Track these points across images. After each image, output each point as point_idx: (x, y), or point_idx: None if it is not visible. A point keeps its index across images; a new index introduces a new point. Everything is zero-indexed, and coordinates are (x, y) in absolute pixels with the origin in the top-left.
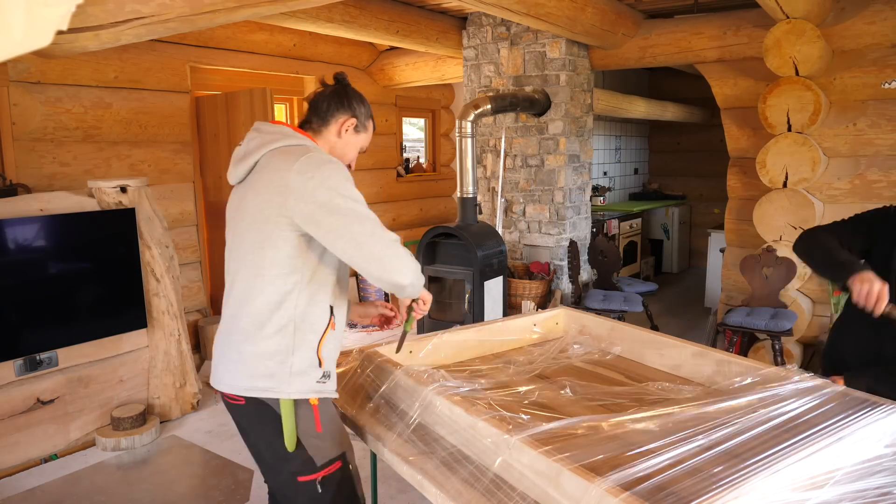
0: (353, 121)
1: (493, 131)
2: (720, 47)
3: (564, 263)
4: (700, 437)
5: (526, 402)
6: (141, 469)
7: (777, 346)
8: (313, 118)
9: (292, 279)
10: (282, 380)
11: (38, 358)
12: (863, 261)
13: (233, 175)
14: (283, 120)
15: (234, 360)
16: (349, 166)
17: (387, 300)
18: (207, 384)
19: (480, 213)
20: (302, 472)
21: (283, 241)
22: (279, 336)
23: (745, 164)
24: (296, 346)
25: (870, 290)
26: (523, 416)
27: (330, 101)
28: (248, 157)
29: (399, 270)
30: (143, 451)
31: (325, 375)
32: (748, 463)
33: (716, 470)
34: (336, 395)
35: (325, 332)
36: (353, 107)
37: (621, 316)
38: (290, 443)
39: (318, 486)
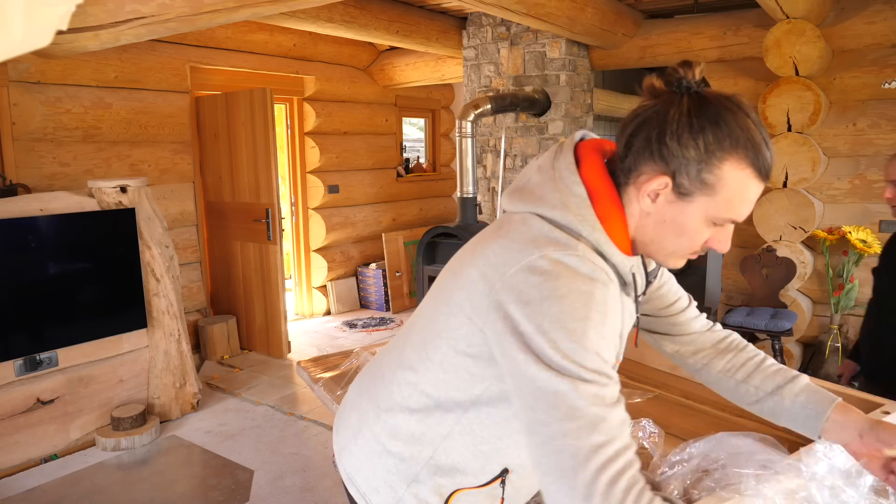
0: (666, 181)
1: (493, 131)
2: (720, 47)
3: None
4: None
5: None
6: (141, 469)
7: (777, 346)
8: (618, 158)
9: (428, 405)
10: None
11: (38, 358)
12: None
13: (503, 201)
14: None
15: (350, 428)
16: (700, 253)
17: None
18: (207, 384)
19: (480, 213)
20: None
21: (448, 344)
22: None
23: None
24: (399, 498)
25: None
26: None
27: (629, 138)
28: (514, 198)
29: None
30: (143, 451)
31: None
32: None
33: (716, 470)
34: None
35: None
36: (665, 149)
37: None
38: None
39: None
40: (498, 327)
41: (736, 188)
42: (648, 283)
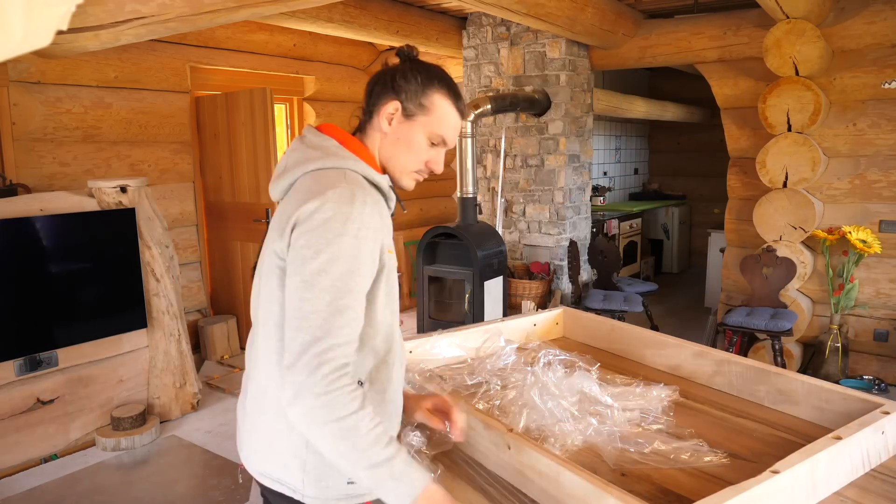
0: (396, 104)
1: (493, 131)
2: (720, 47)
3: (564, 263)
4: (700, 438)
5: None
6: (141, 469)
7: (777, 346)
8: (363, 116)
9: None
10: (296, 476)
11: (38, 358)
12: None
13: (273, 191)
14: (314, 124)
15: (248, 431)
16: (425, 174)
17: None
18: (207, 384)
19: (480, 213)
20: None
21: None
22: (283, 420)
23: (745, 164)
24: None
25: None
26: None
27: (374, 86)
28: (286, 175)
29: (301, 402)
30: (143, 451)
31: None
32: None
33: (717, 470)
34: (373, 496)
35: None
36: (396, 85)
37: (621, 316)
38: None
39: None
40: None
41: (443, 112)
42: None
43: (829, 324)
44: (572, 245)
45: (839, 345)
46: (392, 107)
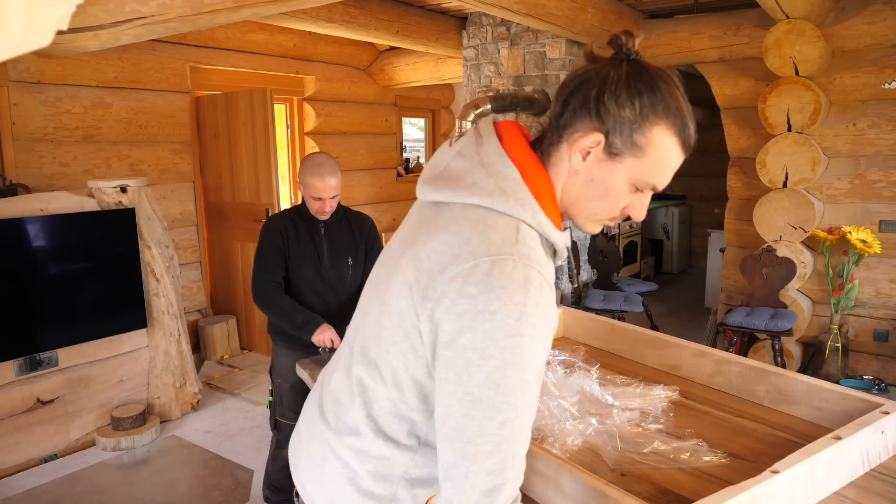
0: (599, 137)
1: None
2: (720, 47)
3: (564, 263)
4: (700, 438)
5: None
6: (141, 469)
7: (777, 346)
8: (548, 126)
9: (416, 409)
10: None
11: (38, 358)
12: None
13: (420, 187)
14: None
15: (316, 460)
16: (618, 220)
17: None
18: (207, 384)
19: None
20: None
21: (412, 352)
22: (375, 477)
23: (745, 164)
24: (397, 497)
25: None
26: None
27: (569, 96)
28: (441, 186)
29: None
30: (143, 451)
31: None
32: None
33: (717, 470)
34: None
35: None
36: (602, 107)
37: (621, 316)
38: None
39: None
40: (433, 337)
41: (662, 153)
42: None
43: (829, 324)
44: (572, 245)
45: (839, 345)
46: (592, 140)
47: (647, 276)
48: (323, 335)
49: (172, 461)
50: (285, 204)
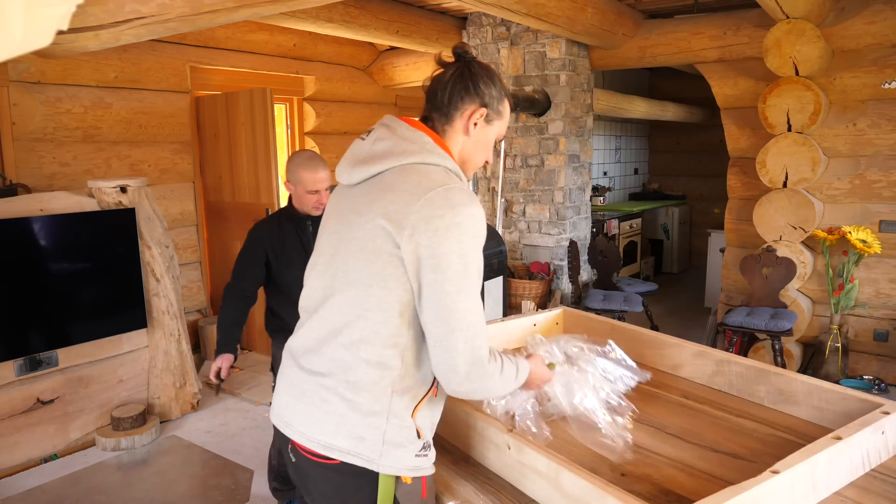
0: (483, 111)
1: None
2: (720, 47)
3: (564, 263)
4: (700, 438)
5: (525, 401)
6: (141, 469)
7: (777, 346)
8: (434, 114)
9: (400, 332)
10: (373, 448)
11: (38, 358)
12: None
13: (346, 174)
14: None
15: (316, 406)
16: (486, 164)
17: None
18: (207, 384)
19: None
20: None
21: (396, 284)
22: (373, 396)
23: (745, 164)
24: (392, 412)
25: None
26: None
27: (451, 89)
28: (373, 163)
29: (462, 376)
30: (143, 451)
31: (426, 447)
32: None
33: (717, 470)
34: (433, 470)
35: (423, 398)
36: (479, 91)
37: (621, 316)
38: None
39: None
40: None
41: (507, 115)
42: None
43: (829, 324)
44: (572, 245)
45: (839, 345)
46: (479, 113)
47: (647, 276)
48: (214, 363)
49: (172, 461)
50: (285, 203)
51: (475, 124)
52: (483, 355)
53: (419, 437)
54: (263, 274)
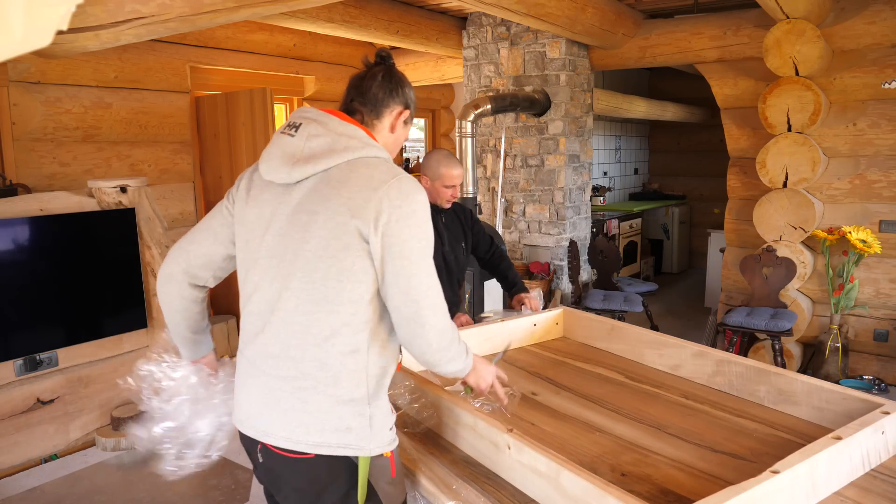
0: (407, 112)
1: (493, 131)
2: (720, 47)
3: (564, 263)
4: (700, 438)
5: (526, 401)
6: (141, 469)
7: (777, 346)
8: (363, 108)
9: (369, 317)
10: (362, 435)
11: (38, 358)
12: None
13: (283, 173)
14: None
15: (297, 409)
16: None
17: None
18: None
19: (480, 212)
20: None
21: (364, 275)
22: (353, 383)
23: (745, 164)
24: (372, 395)
25: None
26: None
27: (383, 89)
28: (316, 161)
29: (434, 347)
30: (143, 451)
31: (394, 421)
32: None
33: (717, 470)
34: (397, 441)
35: (392, 373)
36: (405, 94)
37: (621, 316)
38: (362, 498)
39: None
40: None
41: (413, 116)
42: None
43: (829, 324)
44: (572, 245)
45: (839, 345)
46: (405, 115)
47: (647, 276)
48: (459, 320)
49: None
50: None
51: (403, 123)
52: (448, 323)
53: (393, 411)
54: None
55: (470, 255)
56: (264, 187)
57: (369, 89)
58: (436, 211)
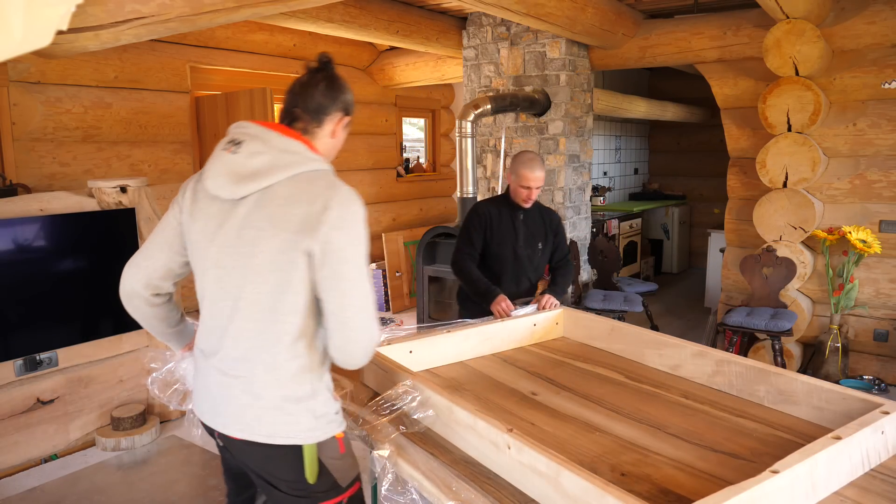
0: (347, 119)
1: (493, 131)
2: (720, 47)
3: None
4: (700, 438)
5: (526, 401)
6: (141, 469)
7: (777, 346)
8: (304, 116)
9: (309, 322)
10: (308, 426)
11: (38, 358)
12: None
13: (227, 189)
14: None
15: (249, 404)
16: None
17: None
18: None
19: None
20: (326, 498)
21: (303, 286)
22: (297, 383)
23: (745, 164)
24: (315, 390)
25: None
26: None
27: (326, 97)
28: (260, 178)
29: (364, 351)
30: (143, 451)
31: (339, 406)
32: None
33: (717, 470)
34: (345, 424)
35: (329, 366)
36: (345, 100)
37: (621, 316)
38: (311, 476)
39: None
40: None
41: (351, 121)
42: None
43: (829, 324)
44: (572, 245)
45: (839, 345)
46: (346, 121)
47: (647, 276)
48: (500, 305)
49: (172, 461)
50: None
51: (343, 127)
52: (377, 329)
53: (336, 398)
54: (482, 243)
55: (545, 257)
56: (210, 201)
57: (312, 97)
58: (514, 209)
